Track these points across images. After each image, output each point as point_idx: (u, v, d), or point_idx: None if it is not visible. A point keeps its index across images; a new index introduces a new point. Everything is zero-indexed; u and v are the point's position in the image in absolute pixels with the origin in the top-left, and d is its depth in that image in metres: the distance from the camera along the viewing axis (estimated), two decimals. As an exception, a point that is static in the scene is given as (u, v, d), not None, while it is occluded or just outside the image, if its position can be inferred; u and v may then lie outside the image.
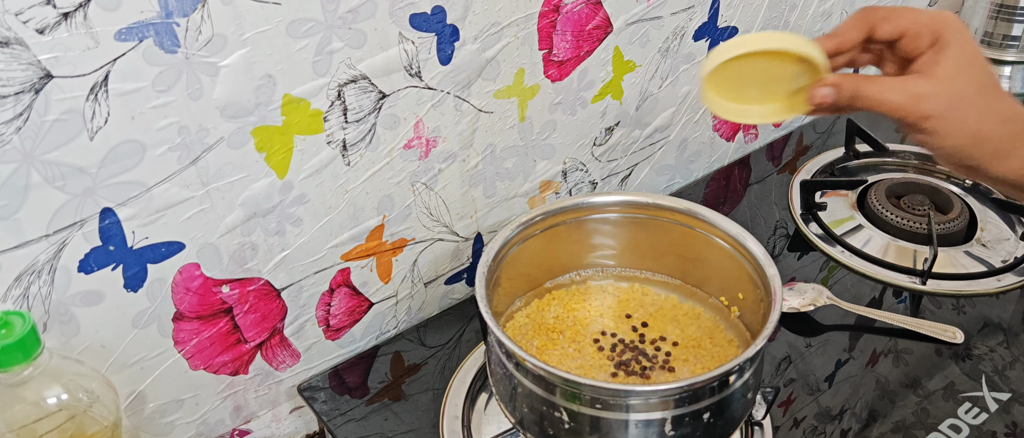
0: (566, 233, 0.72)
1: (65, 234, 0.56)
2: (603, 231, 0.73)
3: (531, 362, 0.56)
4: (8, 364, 0.51)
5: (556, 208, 0.71)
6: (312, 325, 0.75)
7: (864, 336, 0.79)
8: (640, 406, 0.56)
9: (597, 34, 0.80)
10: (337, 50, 0.63)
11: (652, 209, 0.72)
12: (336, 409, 0.73)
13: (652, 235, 0.73)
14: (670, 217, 0.71)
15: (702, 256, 0.71)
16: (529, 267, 0.72)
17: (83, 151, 0.54)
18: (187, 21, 0.55)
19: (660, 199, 0.71)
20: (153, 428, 0.69)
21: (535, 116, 0.80)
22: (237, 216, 0.65)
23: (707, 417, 0.57)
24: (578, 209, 0.72)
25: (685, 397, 0.56)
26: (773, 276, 0.63)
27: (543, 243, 0.71)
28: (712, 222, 0.69)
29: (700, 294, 0.74)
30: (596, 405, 0.56)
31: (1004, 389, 0.73)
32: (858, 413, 0.72)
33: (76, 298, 0.59)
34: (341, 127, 0.67)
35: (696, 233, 0.70)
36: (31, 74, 0.50)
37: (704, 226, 0.69)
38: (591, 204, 0.72)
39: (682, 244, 0.71)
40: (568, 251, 0.74)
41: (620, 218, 0.73)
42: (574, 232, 0.73)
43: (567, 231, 0.72)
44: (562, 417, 0.57)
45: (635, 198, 0.72)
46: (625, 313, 0.72)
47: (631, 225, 0.73)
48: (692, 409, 0.57)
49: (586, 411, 0.56)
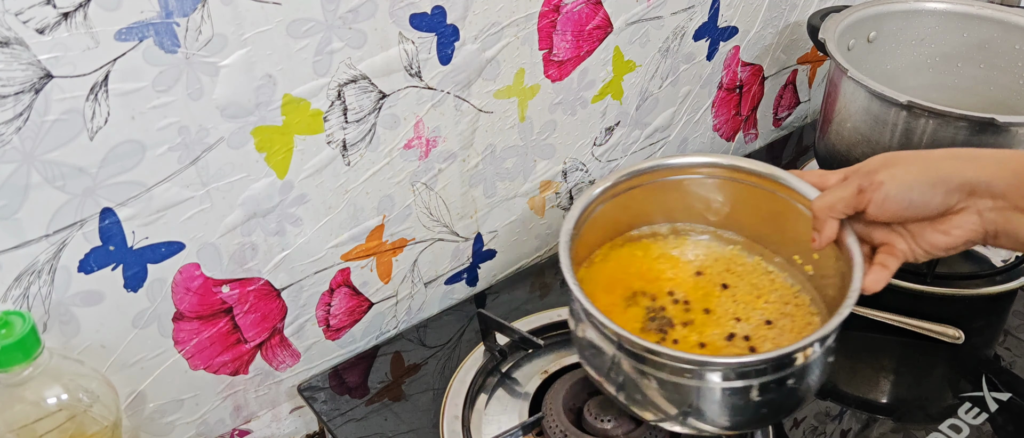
0: (643, 195, 0.71)
1: (65, 234, 0.56)
2: (683, 191, 0.72)
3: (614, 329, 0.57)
4: (8, 364, 0.51)
5: (635, 170, 0.70)
6: (312, 325, 0.75)
7: (865, 336, 0.79)
8: None
9: (597, 34, 0.80)
10: (337, 50, 0.63)
11: (733, 171, 0.70)
12: (336, 409, 0.73)
13: (732, 196, 0.72)
14: (751, 180, 0.70)
15: (780, 218, 0.69)
16: (606, 229, 0.72)
17: (83, 151, 0.54)
18: (187, 21, 0.55)
19: (741, 162, 0.70)
20: (153, 428, 0.69)
21: (535, 116, 0.80)
22: (237, 216, 0.65)
23: (791, 383, 0.57)
24: (656, 171, 0.71)
25: (766, 368, 0.56)
26: (852, 243, 0.62)
27: (622, 205, 0.71)
28: (794, 186, 0.67)
29: (772, 255, 0.72)
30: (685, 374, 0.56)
31: (1004, 389, 0.73)
32: (858, 413, 0.72)
33: (76, 298, 0.59)
34: (341, 127, 0.67)
35: (776, 197, 0.69)
36: (31, 74, 0.50)
37: (786, 190, 0.68)
38: (669, 166, 0.71)
39: (763, 207, 0.70)
40: (645, 211, 0.73)
41: (701, 180, 0.71)
42: (652, 193, 0.72)
43: (643, 194, 0.71)
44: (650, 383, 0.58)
45: (716, 160, 0.71)
46: (696, 270, 0.71)
47: (712, 187, 0.72)
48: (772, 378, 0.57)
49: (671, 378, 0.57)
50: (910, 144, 0.78)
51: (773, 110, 1.10)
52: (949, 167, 0.58)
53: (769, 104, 1.08)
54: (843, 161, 0.85)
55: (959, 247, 0.60)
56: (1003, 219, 0.58)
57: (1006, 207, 0.57)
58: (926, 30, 0.92)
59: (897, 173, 0.58)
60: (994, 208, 0.58)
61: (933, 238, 0.60)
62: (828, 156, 0.88)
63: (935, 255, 0.61)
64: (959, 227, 0.59)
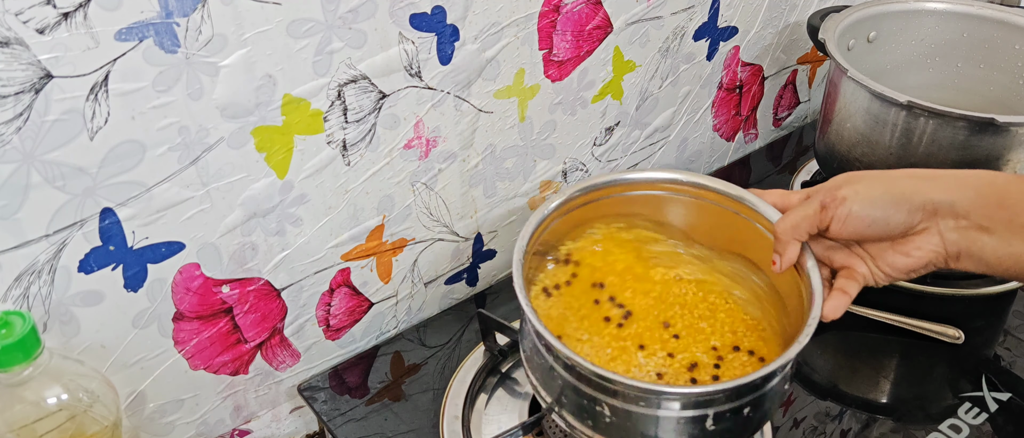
0: (601, 210, 0.70)
1: (65, 234, 0.56)
2: (640, 206, 0.71)
3: (567, 355, 0.55)
4: (8, 364, 0.51)
5: (591, 185, 0.68)
6: (312, 325, 0.75)
7: (864, 336, 0.79)
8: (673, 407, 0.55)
9: (597, 34, 0.80)
10: (337, 50, 0.63)
11: (694, 188, 0.69)
12: (336, 409, 0.73)
13: (693, 214, 0.70)
14: (712, 198, 0.69)
15: (741, 236, 0.68)
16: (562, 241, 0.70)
17: (83, 151, 0.54)
18: (187, 21, 0.55)
19: (702, 179, 0.69)
20: (153, 428, 0.69)
21: (535, 116, 0.80)
22: (237, 216, 0.65)
23: (747, 412, 0.57)
24: (613, 186, 0.69)
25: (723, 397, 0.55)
26: (812, 268, 0.61)
27: (577, 220, 0.69)
28: (755, 206, 0.66)
29: (734, 275, 0.71)
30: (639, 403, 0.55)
31: (1004, 389, 0.73)
32: (858, 413, 0.72)
33: (76, 298, 0.59)
34: (341, 127, 0.67)
35: (738, 217, 0.68)
36: (31, 74, 0.50)
37: (747, 210, 0.67)
38: (627, 181, 0.70)
39: (724, 225, 0.69)
40: None
41: (661, 196, 0.70)
42: (611, 208, 0.70)
43: (603, 208, 0.70)
44: (604, 411, 0.56)
45: (674, 176, 0.69)
46: (657, 285, 0.70)
47: (673, 204, 0.70)
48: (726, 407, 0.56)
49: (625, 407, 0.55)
50: (910, 143, 0.78)
51: (773, 110, 1.10)
52: (911, 185, 0.58)
53: (769, 104, 1.08)
54: (843, 161, 0.85)
55: (920, 269, 0.60)
56: (966, 239, 0.57)
57: (969, 227, 0.57)
58: (926, 30, 0.92)
59: (860, 189, 0.58)
60: (956, 228, 0.57)
61: (894, 260, 0.60)
62: (828, 156, 0.88)
63: (896, 278, 0.61)
64: (920, 248, 0.59)
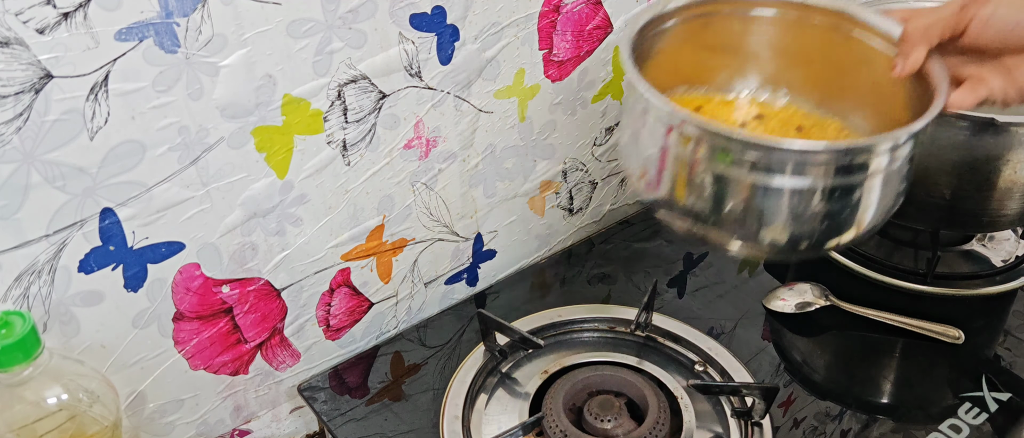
0: (710, 28, 0.65)
1: (65, 234, 0.57)
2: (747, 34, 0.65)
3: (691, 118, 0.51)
4: (8, 364, 0.51)
5: None
6: (312, 325, 0.75)
7: (865, 336, 0.79)
8: None
9: (597, 34, 0.80)
10: (337, 50, 0.63)
11: (802, 8, 0.63)
12: (336, 409, 0.73)
13: (798, 42, 0.64)
14: (823, 18, 0.62)
15: (852, 66, 0.63)
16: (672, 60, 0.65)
17: (83, 151, 0.54)
18: (187, 21, 0.55)
19: None
20: (153, 428, 0.69)
21: (535, 116, 0.80)
22: (237, 216, 0.65)
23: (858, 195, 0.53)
24: None
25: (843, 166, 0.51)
26: (938, 70, 0.54)
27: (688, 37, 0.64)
28: (873, 24, 0.60)
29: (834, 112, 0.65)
30: None
31: (1004, 389, 0.73)
32: (858, 413, 0.72)
33: (76, 298, 0.59)
34: (341, 127, 0.67)
35: (851, 38, 0.61)
36: (31, 74, 0.50)
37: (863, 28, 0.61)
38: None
39: (831, 52, 0.63)
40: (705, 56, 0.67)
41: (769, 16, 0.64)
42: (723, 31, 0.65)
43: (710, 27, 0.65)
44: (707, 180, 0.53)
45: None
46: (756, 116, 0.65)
47: (777, 30, 0.64)
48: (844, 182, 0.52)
49: None
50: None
51: (773, 110, 1.10)
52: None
53: (769, 104, 1.08)
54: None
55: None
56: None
57: None
58: (926, 30, 0.91)
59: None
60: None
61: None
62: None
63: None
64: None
